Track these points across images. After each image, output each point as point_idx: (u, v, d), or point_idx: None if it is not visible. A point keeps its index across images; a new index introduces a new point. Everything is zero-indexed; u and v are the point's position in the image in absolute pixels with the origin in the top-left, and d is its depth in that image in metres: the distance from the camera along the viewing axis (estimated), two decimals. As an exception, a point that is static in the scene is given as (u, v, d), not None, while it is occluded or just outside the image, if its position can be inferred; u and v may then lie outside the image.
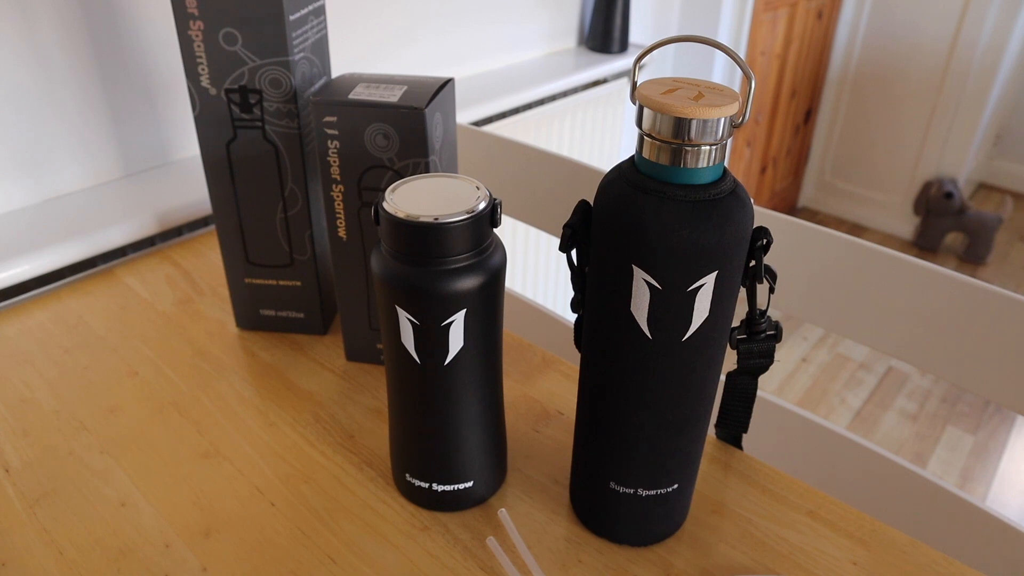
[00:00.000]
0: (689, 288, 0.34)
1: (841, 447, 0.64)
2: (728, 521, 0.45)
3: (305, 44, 0.52)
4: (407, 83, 0.50)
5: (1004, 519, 0.55)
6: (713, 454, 0.50)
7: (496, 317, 0.41)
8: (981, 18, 2.18)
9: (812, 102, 2.50)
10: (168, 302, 0.66)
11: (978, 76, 2.26)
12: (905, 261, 0.56)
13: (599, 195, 0.36)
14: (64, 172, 0.75)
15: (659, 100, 0.32)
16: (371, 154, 0.49)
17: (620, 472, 0.40)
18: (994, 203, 2.75)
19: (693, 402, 0.38)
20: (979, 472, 1.63)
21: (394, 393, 0.42)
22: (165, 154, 0.82)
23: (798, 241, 0.62)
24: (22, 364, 0.58)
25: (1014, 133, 2.77)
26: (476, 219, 0.37)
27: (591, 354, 0.39)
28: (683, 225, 0.33)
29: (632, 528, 0.43)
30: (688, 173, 0.33)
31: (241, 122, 0.53)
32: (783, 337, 0.44)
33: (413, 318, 0.38)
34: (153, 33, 0.77)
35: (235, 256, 0.58)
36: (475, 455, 0.44)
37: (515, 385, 0.57)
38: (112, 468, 0.48)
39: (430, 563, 0.42)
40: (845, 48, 2.45)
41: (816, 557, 0.43)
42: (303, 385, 0.56)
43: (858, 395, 1.86)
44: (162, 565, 0.42)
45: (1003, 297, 0.52)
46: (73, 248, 0.68)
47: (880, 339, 0.60)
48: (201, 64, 0.51)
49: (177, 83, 0.81)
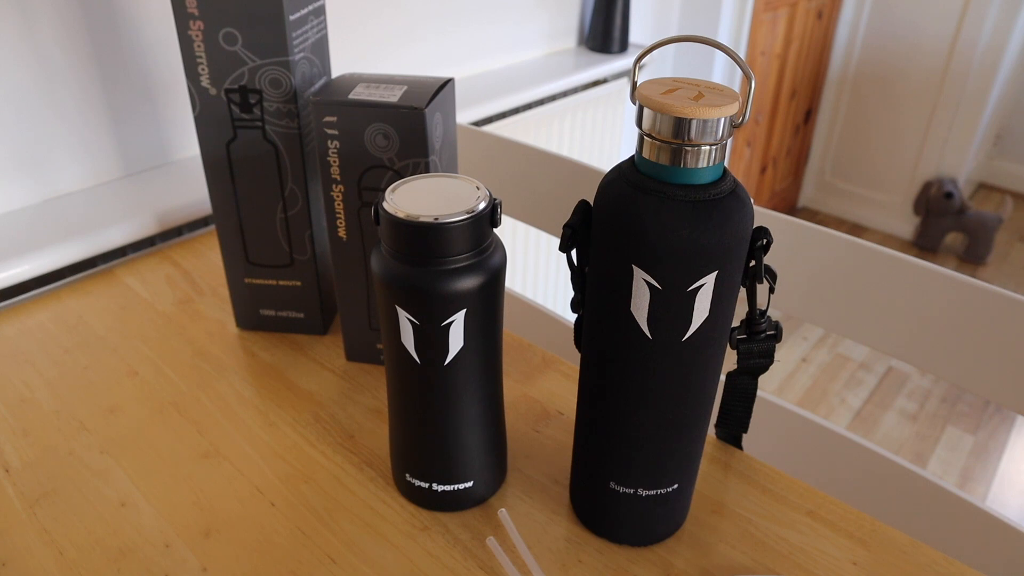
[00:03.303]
0: (689, 288, 0.34)
1: (841, 447, 0.64)
2: (728, 521, 0.45)
3: (305, 44, 0.52)
4: (407, 83, 0.50)
5: (1004, 519, 0.55)
6: (713, 454, 0.50)
7: (496, 317, 0.41)
8: (981, 18, 2.18)
9: (812, 102, 2.50)
10: (168, 302, 0.66)
11: (978, 76, 2.26)
12: (905, 261, 0.56)
13: (599, 195, 0.36)
14: (64, 172, 0.75)
15: (659, 100, 0.32)
16: (371, 154, 0.49)
17: (620, 472, 0.40)
18: (994, 203, 2.75)
19: (693, 402, 0.38)
20: (979, 472, 1.63)
21: (394, 393, 0.42)
22: (165, 154, 0.82)
23: (798, 241, 0.62)
24: (22, 364, 0.58)
25: (1014, 133, 2.77)
26: (476, 219, 0.37)
27: (591, 354, 0.39)
28: (683, 225, 0.33)
29: (632, 528, 0.43)
30: (688, 173, 0.33)
31: (241, 122, 0.53)
32: (783, 337, 0.44)
33: (413, 318, 0.38)
34: (153, 33, 0.77)
35: (235, 256, 0.58)
36: (475, 455, 0.44)
37: (515, 385, 0.57)
38: (112, 468, 0.48)
39: (430, 563, 0.42)
40: (845, 48, 2.45)
41: (816, 557, 0.43)
42: (303, 385, 0.56)
43: (858, 395, 1.86)
44: (162, 565, 0.42)
45: (1003, 297, 0.52)
46: (73, 248, 0.68)
47: (880, 339, 0.60)
48: (201, 64, 0.51)
49: (177, 83, 0.81)
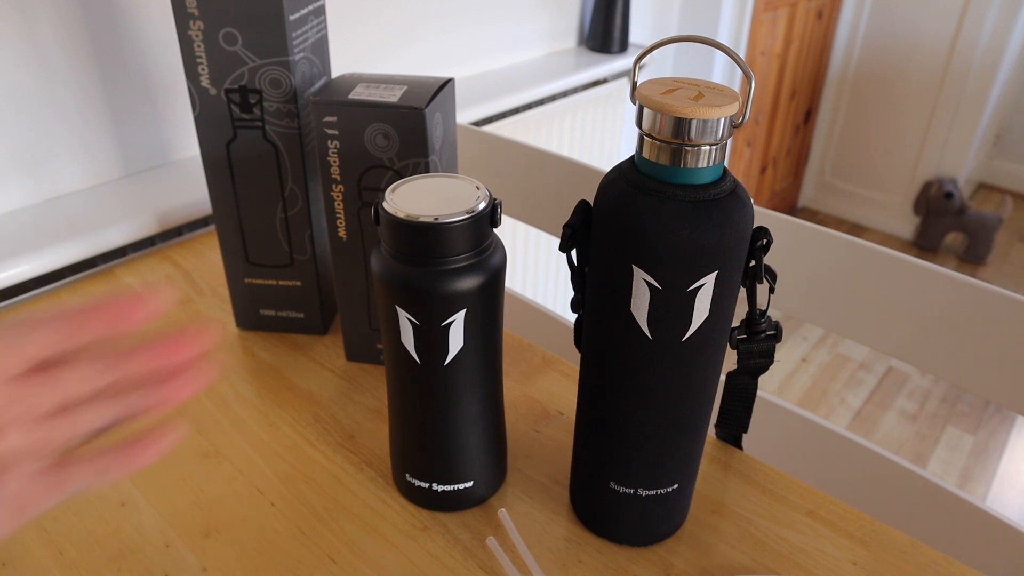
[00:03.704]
0: (689, 288, 0.34)
1: (841, 447, 0.64)
2: (728, 521, 0.45)
3: (305, 44, 0.52)
4: (407, 83, 0.50)
5: (1004, 519, 0.55)
6: (713, 454, 0.50)
7: (496, 317, 0.41)
8: (981, 18, 2.18)
9: (812, 102, 2.50)
10: (168, 302, 0.66)
11: (978, 76, 2.26)
12: (905, 261, 0.56)
13: (599, 195, 0.36)
14: (64, 172, 0.75)
15: (659, 100, 0.32)
16: (371, 154, 0.49)
17: (620, 472, 0.40)
18: (994, 203, 2.75)
19: (693, 402, 0.38)
20: (979, 472, 1.63)
21: (394, 393, 0.42)
22: (165, 154, 0.82)
23: (798, 241, 0.62)
24: (22, 364, 0.58)
25: (1014, 133, 2.77)
26: (476, 219, 0.37)
27: (591, 354, 0.39)
28: (683, 225, 0.33)
29: (632, 528, 0.43)
30: (688, 173, 0.33)
31: (241, 122, 0.53)
32: (783, 337, 0.44)
33: (413, 318, 0.38)
34: (153, 33, 0.77)
35: (235, 256, 0.58)
36: (475, 455, 0.44)
37: (515, 385, 0.57)
38: (112, 468, 0.48)
39: (430, 563, 0.42)
40: (845, 48, 2.45)
41: (816, 557, 0.43)
42: (303, 385, 0.56)
43: (858, 395, 1.85)
44: (162, 565, 0.42)
45: (1003, 297, 0.52)
46: (73, 248, 0.68)
47: (880, 339, 0.60)
48: (201, 64, 0.51)
49: (177, 83, 0.81)
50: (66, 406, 0.27)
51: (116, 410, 0.28)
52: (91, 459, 0.28)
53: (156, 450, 0.29)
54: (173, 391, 0.29)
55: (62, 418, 0.27)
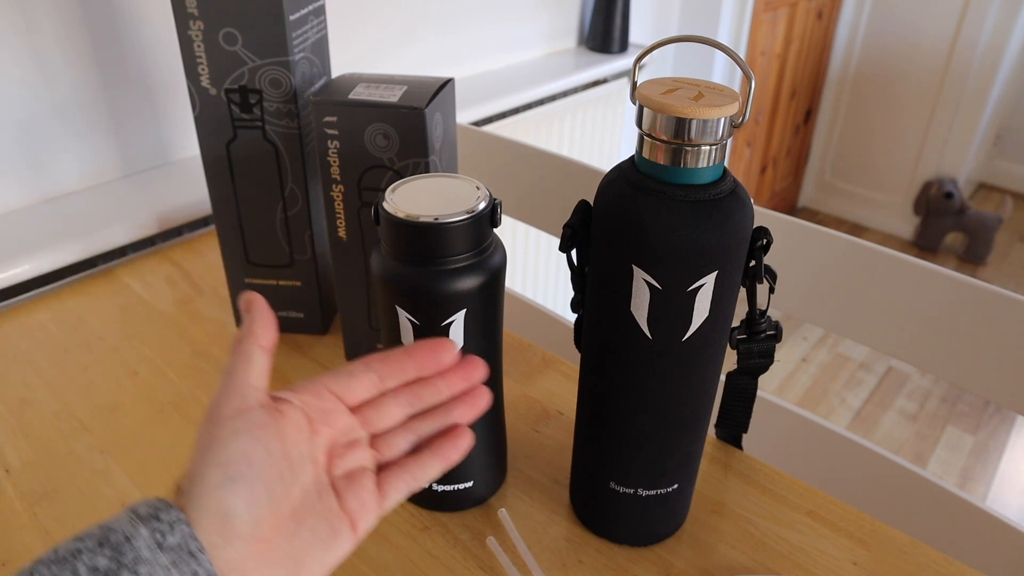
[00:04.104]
0: (689, 288, 0.34)
1: (841, 447, 0.64)
2: (728, 521, 0.45)
3: (305, 44, 0.52)
4: (407, 83, 0.50)
5: (1004, 519, 0.55)
6: (713, 454, 0.50)
7: (496, 317, 0.41)
8: (981, 18, 2.18)
9: (812, 102, 2.50)
10: (168, 302, 0.66)
11: (978, 76, 2.26)
12: (905, 261, 0.56)
13: (599, 195, 0.36)
14: (64, 172, 0.75)
15: (659, 100, 0.32)
16: (371, 154, 0.49)
17: (620, 472, 0.40)
18: (994, 203, 2.75)
19: (693, 402, 0.38)
20: (979, 472, 1.63)
21: (394, 393, 0.42)
22: (165, 154, 0.82)
23: (798, 241, 0.62)
24: (22, 364, 0.58)
25: (1014, 133, 2.77)
26: (476, 219, 0.37)
27: (591, 354, 0.39)
28: (683, 225, 0.33)
29: (632, 528, 0.43)
30: (688, 173, 0.33)
31: (241, 122, 0.53)
32: (783, 337, 0.44)
33: (413, 318, 0.38)
34: (153, 33, 0.77)
35: (235, 256, 0.58)
36: (475, 455, 0.44)
37: (515, 385, 0.57)
38: (112, 468, 0.48)
39: (430, 563, 0.42)
40: (845, 48, 2.45)
41: (816, 557, 0.43)
42: (303, 385, 0.56)
43: (858, 395, 1.85)
44: (162, 565, 0.42)
45: (1003, 297, 0.52)
46: (73, 248, 0.68)
47: (880, 339, 0.60)
48: (201, 64, 0.51)
49: (177, 83, 0.81)
50: (383, 432, 0.32)
51: (418, 435, 0.32)
52: (403, 468, 0.32)
53: (462, 447, 0.33)
54: (460, 416, 0.33)
55: (381, 441, 0.32)
